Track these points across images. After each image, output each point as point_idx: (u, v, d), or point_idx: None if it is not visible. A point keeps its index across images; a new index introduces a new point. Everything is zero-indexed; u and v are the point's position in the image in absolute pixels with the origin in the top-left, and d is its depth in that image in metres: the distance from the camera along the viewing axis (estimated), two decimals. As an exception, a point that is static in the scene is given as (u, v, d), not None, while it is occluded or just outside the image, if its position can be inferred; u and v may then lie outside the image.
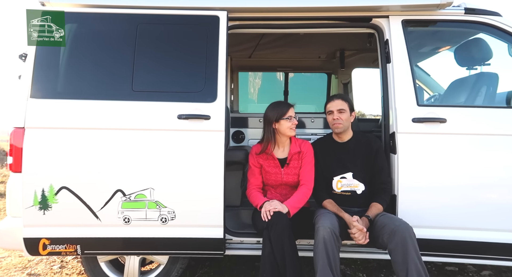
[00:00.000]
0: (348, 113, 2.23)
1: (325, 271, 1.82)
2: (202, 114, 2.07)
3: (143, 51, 2.13)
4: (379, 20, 2.24)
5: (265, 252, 1.96)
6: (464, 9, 2.21)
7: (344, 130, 2.25)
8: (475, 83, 2.44)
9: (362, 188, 2.19)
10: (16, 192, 2.06)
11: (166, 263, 2.32)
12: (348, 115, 2.23)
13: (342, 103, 2.22)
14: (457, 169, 2.08)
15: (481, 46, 2.47)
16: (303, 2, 2.20)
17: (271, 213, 1.99)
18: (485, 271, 2.79)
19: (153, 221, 2.07)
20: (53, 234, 2.07)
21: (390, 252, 1.88)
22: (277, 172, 2.27)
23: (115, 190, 2.05)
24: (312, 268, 1.95)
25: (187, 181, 2.07)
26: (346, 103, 2.23)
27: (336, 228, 1.92)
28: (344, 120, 2.21)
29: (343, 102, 2.23)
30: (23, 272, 2.82)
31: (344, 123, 2.22)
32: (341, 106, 2.22)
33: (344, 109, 2.22)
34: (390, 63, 2.19)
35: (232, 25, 2.26)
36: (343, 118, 2.21)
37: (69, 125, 2.05)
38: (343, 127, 2.23)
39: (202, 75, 2.11)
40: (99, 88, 2.11)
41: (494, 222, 2.08)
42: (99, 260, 2.32)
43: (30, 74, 2.07)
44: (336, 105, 2.23)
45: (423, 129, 2.10)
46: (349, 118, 2.24)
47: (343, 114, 2.21)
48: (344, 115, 2.21)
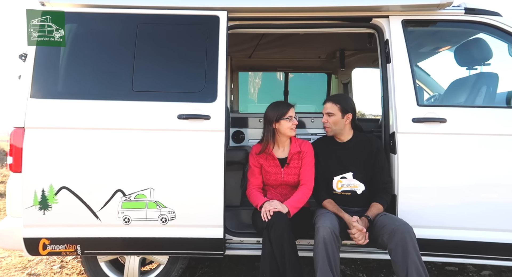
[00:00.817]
0: (337, 116, 2.20)
1: (325, 271, 1.82)
2: (202, 114, 2.07)
3: (143, 51, 2.13)
4: (379, 20, 2.24)
5: (265, 252, 1.96)
6: (464, 9, 2.21)
7: (334, 133, 2.25)
8: (475, 83, 2.44)
9: (362, 188, 2.19)
10: (16, 192, 2.07)
11: (166, 263, 2.32)
12: (337, 118, 2.20)
13: (331, 106, 2.22)
14: (457, 169, 2.08)
15: (481, 46, 2.47)
16: (303, 2, 2.20)
17: (271, 213, 1.99)
18: (485, 271, 2.79)
19: (153, 221, 2.07)
20: (53, 234, 2.07)
21: (390, 252, 1.88)
22: (277, 172, 2.27)
23: (115, 190, 2.05)
24: (312, 268, 1.95)
25: (187, 181, 2.07)
26: (337, 106, 2.21)
27: (336, 228, 1.92)
28: (332, 123, 2.21)
29: (333, 105, 2.22)
30: (23, 272, 2.82)
31: (332, 127, 2.22)
32: (329, 109, 2.21)
33: (333, 113, 2.20)
34: (390, 63, 2.19)
35: (232, 25, 2.26)
36: (330, 122, 2.21)
37: (69, 125, 2.05)
38: (332, 131, 2.23)
39: (202, 75, 2.12)
40: (99, 88, 2.11)
41: (494, 222, 2.08)
42: (99, 260, 2.32)
43: (30, 74, 2.07)
44: (325, 109, 2.24)
45: (423, 129, 2.10)
46: (340, 121, 2.21)
47: (332, 117, 2.21)
48: (332, 118, 2.20)
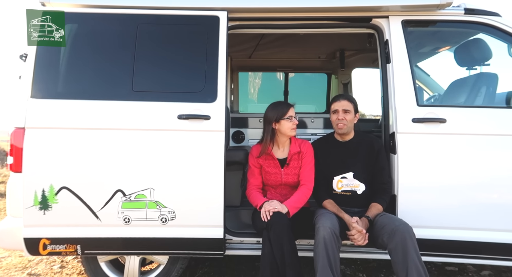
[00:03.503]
0: (353, 114, 2.23)
1: (325, 271, 1.82)
2: (202, 115, 2.07)
3: (143, 51, 2.13)
4: (379, 20, 2.24)
5: (264, 252, 1.96)
6: (464, 9, 2.21)
7: (347, 131, 2.25)
8: (475, 84, 2.44)
9: (363, 188, 2.19)
10: (16, 192, 2.07)
11: (166, 263, 2.32)
12: (352, 116, 2.23)
13: (348, 104, 2.23)
14: (457, 169, 2.08)
15: (480, 47, 2.47)
16: (303, 2, 2.20)
17: (270, 213, 1.99)
18: (485, 271, 2.79)
19: (153, 221, 2.07)
20: (53, 234, 2.07)
21: (390, 252, 1.89)
22: (277, 172, 2.27)
23: (115, 190, 2.05)
24: (312, 268, 1.95)
25: (187, 181, 2.07)
26: (352, 104, 2.23)
27: (336, 228, 1.92)
28: (349, 121, 2.21)
29: (349, 103, 2.23)
30: (23, 272, 2.82)
31: (348, 124, 2.22)
32: (346, 106, 2.22)
33: (349, 110, 2.22)
34: (390, 63, 2.19)
35: (232, 25, 2.26)
36: (347, 119, 2.21)
37: (70, 125, 2.05)
38: (346, 128, 2.23)
39: (202, 75, 2.12)
40: (99, 88, 2.11)
41: (494, 222, 2.08)
42: (99, 260, 2.32)
43: (31, 74, 2.07)
44: (342, 105, 2.23)
45: (423, 130, 2.10)
46: (353, 119, 2.25)
47: (348, 115, 2.21)
48: (349, 116, 2.22)
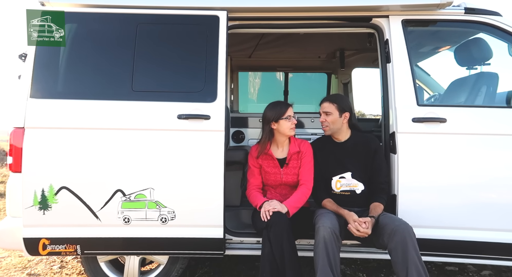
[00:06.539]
0: (335, 115, 2.21)
1: (325, 271, 1.82)
2: (202, 114, 2.07)
3: (143, 51, 2.13)
4: (379, 20, 2.24)
5: (264, 252, 1.96)
6: (464, 9, 2.21)
7: (332, 132, 2.25)
8: (475, 83, 2.44)
9: (362, 188, 2.19)
10: (16, 192, 2.06)
11: (166, 263, 2.32)
12: (335, 117, 2.21)
13: (328, 105, 2.22)
14: (457, 168, 2.08)
15: (481, 46, 2.47)
16: (303, 2, 2.20)
17: (270, 213, 1.99)
18: (485, 271, 2.79)
19: (153, 221, 2.07)
20: (53, 234, 2.07)
21: (390, 252, 1.88)
22: (276, 172, 2.27)
23: (115, 190, 2.05)
24: (312, 268, 1.94)
25: (187, 181, 2.07)
26: (334, 105, 2.21)
27: (336, 228, 1.92)
28: (330, 122, 2.21)
29: (330, 104, 2.22)
30: (23, 272, 2.82)
31: (330, 126, 2.22)
32: (327, 108, 2.22)
33: (330, 112, 2.21)
34: (390, 63, 2.19)
35: (232, 25, 2.26)
36: (328, 121, 2.21)
37: (69, 125, 2.05)
38: (330, 130, 2.23)
39: (202, 75, 2.11)
40: (99, 88, 2.11)
41: (494, 222, 2.08)
42: (99, 260, 2.31)
43: (30, 74, 2.07)
44: (323, 107, 2.25)
45: (423, 129, 2.10)
46: (338, 120, 2.22)
47: (330, 116, 2.21)
48: (330, 117, 2.21)
